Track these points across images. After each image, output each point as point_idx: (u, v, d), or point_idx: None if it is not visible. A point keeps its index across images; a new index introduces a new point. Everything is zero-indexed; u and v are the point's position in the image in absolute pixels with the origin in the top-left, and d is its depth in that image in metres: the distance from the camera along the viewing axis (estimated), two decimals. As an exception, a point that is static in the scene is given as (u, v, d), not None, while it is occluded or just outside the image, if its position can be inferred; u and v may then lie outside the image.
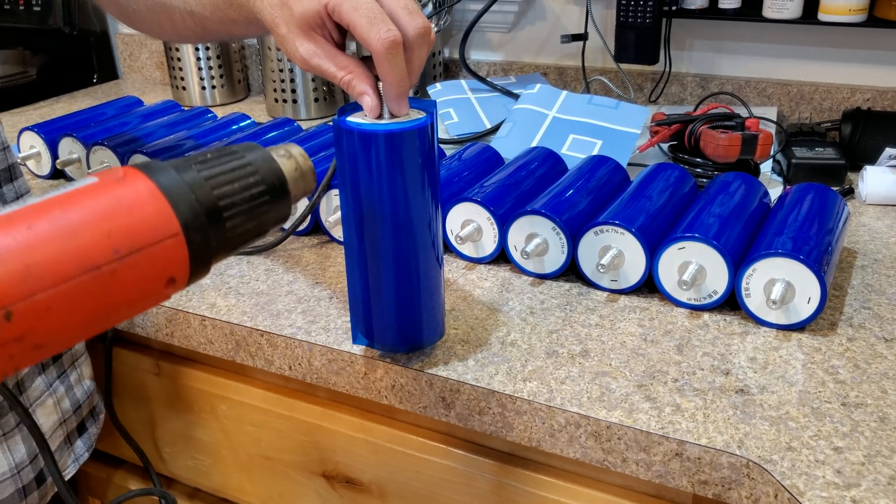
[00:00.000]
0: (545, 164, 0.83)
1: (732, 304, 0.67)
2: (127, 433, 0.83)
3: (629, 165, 0.94)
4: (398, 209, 0.55)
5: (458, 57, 1.21)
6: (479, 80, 1.17)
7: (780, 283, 0.63)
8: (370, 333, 0.60)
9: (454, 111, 1.10)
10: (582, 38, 1.17)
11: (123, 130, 1.01)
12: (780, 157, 0.95)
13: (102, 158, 0.95)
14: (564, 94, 1.02)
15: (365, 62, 0.56)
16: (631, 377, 0.59)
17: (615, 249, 0.69)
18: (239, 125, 1.03)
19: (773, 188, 0.90)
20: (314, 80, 1.23)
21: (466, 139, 1.06)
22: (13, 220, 0.32)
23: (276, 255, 0.80)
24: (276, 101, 1.25)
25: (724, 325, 0.66)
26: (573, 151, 0.94)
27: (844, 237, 0.73)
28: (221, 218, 0.37)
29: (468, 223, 0.75)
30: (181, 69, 1.35)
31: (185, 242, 0.36)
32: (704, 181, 0.87)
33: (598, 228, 0.69)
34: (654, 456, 0.54)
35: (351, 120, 0.54)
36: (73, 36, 1.48)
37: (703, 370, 0.60)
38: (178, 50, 1.34)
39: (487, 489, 0.67)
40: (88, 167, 0.96)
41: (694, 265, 0.66)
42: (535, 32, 1.28)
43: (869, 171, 0.88)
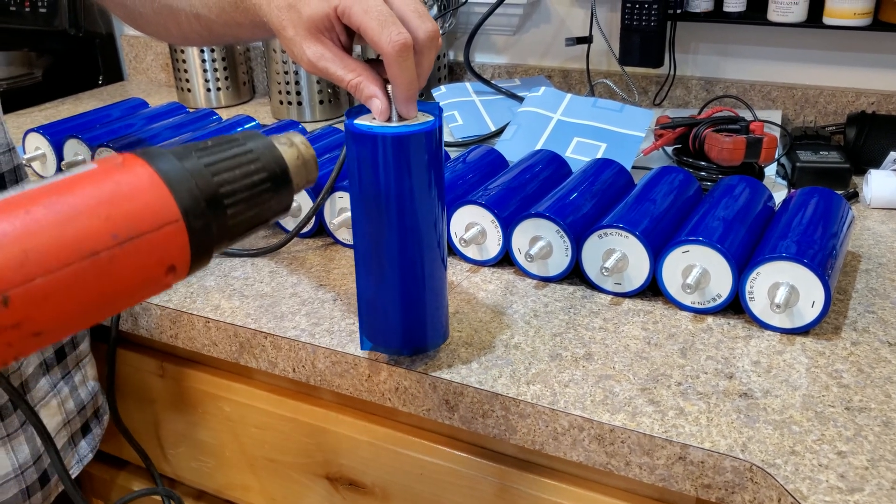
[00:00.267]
0: (549, 166, 0.83)
1: (736, 307, 0.67)
2: (129, 434, 0.83)
3: (633, 168, 0.94)
4: (405, 211, 0.55)
5: (462, 59, 1.21)
6: (483, 82, 1.17)
7: (784, 286, 0.63)
8: (375, 336, 0.60)
9: (458, 114, 1.10)
10: (586, 41, 1.17)
11: (129, 132, 1.01)
12: (784, 160, 0.95)
13: (107, 160, 0.95)
14: (569, 96, 1.02)
15: (372, 65, 0.56)
16: (634, 380, 0.59)
17: (619, 253, 0.69)
18: (244, 127, 1.03)
19: (777, 192, 0.90)
20: (319, 82, 1.24)
21: (471, 142, 1.06)
22: (11, 205, 0.32)
23: (280, 257, 0.80)
24: (280, 103, 1.26)
25: (727, 328, 0.65)
26: (577, 154, 0.94)
27: (849, 241, 0.73)
28: (222, 205, 0.37)
29: (472, 226, 0.75)
30: (186, 71, 1.35)
31: (185, 229, 0.35)
32: (709, 184, 0.87)
33: (602, 231, 0.69)
34: (657, 459, 0.54)
35: (360, 123, 0.55)
36: (78, 38, 1.49)
37: (706, 374, 0.60)
38: (183, 52, 1.35)
39: (491, 492, 0.67)
40: (93, 169, 0.96)
41: (698, 269, 0.66)
42: (539, 35, 1.28)
43: (873, 174, 0.88)
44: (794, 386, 0.58)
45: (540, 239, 0.72)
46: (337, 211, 0.80)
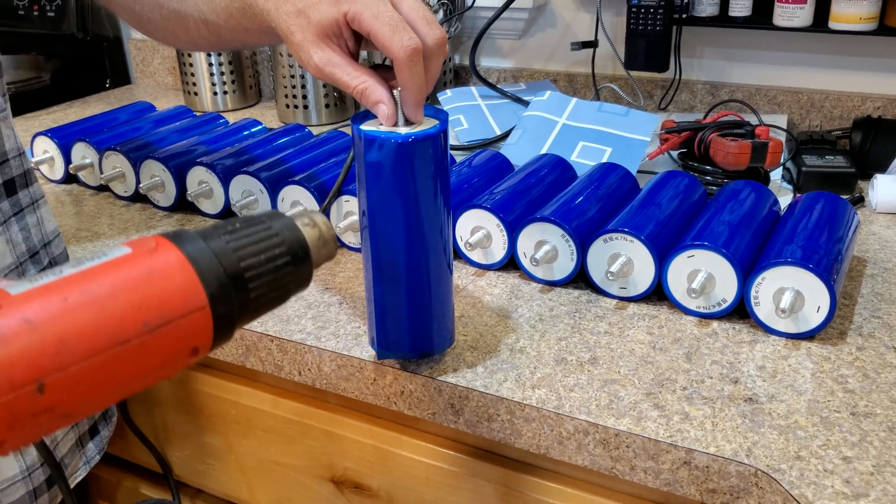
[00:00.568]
0: (555, 171, 0.83)
1: (741, 312, 0.67)
2: (146, 438, 0.83)
3: (639, 173, 0.94)
4: (410, 215, 0.55)
5: (468, 64, 1.21)
6: (489, 86, 1.17)
7: (789, 291, 0.63)
8: (381, 340, 0.61)
9: (464, 118, 1.11)
10: (592, 45, 1.17)
11: (136, 136, 1.01)
12: (790, 165, 0.95)
13: (115, 163, 0.95)
14: (574, 101, 1.02)
15: (378, 71, 0.56)
16: (639, 385, 0.59)
17: (624, 257, 0.69)
18: (250, 131, 1.04)
19: (782, 196, 0.90)
20: (325, 86, 1.24)
21: (476, 146, 1.06)
22: (50, 291, 0.33)
23: (286, 260, 0.80)
24: (287, 106, 1.26)
25: (732, 333, 0.66)
26: (583, 158, 0.94)
27: (854, 246, 0.73)
28: (246, 288, 0.38)
29: (478, 230, 0.75)
30: (193, 75, 1.36)
31: (210, 315, 0.36)
32: (714, 189, 0.87)
33: (607, 236, 0.69)
34: (662, 464, 0.54)
35: (367, 127, 0.55)
36: (86, 41, 1.49)
37: (711, 378, 0.60)
38: (190, 56, 1.35)
39: (495, 496, 0.67)
40: (101, 172, 0.97)
41: (703, 273, 0.66)
42: (545, 39, 1.28)
43: (879, 179, 0.88)
44: (799, 391, 0.58)
45: (545, 243, 0.72)
46: (343, 215, 0.80)
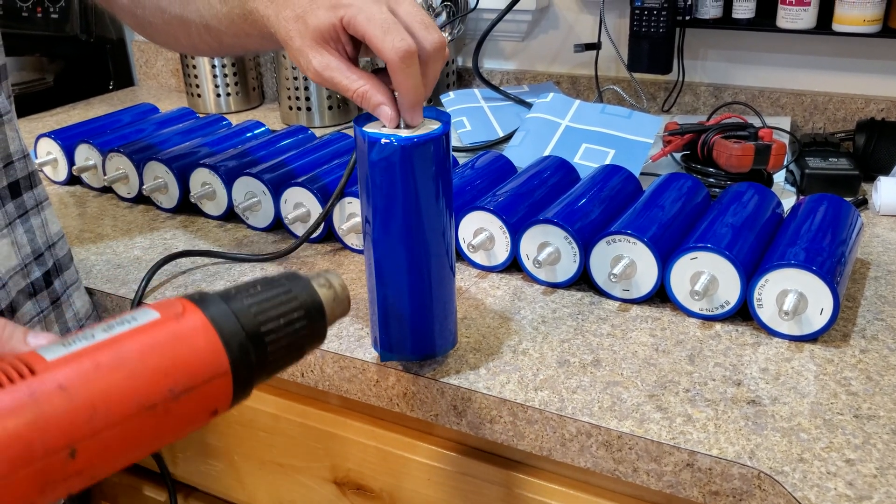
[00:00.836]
0: (558, 173, 0.83)
1: (744, 314, 0.67)
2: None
3: (642, 175, 0.94)
4: (412, 217, 0.55)
5: (471, 66, 1.21)
6: (492, 88, 1.17)
7: (792, 294, 0.63)
8: (384, 341, 0.61)
9: (467, 120, 1.11)
10: (595, 47, 1.17)
11: (139, 137, 1.02)
12: (793, 167, 0.95)
13: (118, 165, 0.95)
14: (577, 103, 1.02)
15: (378, 75, 0.56)
16: (642, 387, 0.59)
17: (627, 259, 0.69)
18: (253, 133, 1.04)
19: (786, 198, 0.89)
20: (328, 88, 1.24)
21: (479, 148, 1.06)
22: (83, 357, 0.34)
23: (289, 262, 0.81)
24: (290, 108, 1.26)
25: (736, 335, 0.65)
26: (586, 160, 0.94)
27: (858, 248, 0.73)
28: (266, 350, 0.39)
29: (480, 232, 0.76)
30: (196, 77, 1.36)
31: (231, 380, 0.38)
32: (717, 191, 0.87)
33: (610, 238, 0.69)
34: (665, 466, 0.54)
35: (369, 129, 0.55)
36: (89, 43, 1.50)
37: (714, 381, 0.60)
38: (193, 58, 1.35)
39: (498, 498, 0.67)
40: (104, 174, 0.97)
41: (706, 275, 0.66)
42: (548, 41, 1.28)
43: (883, 181, 0.88)
44: (802, 393, 0.58)
45: (548, 245, 0.72)
46: (346, 216, 0.81)
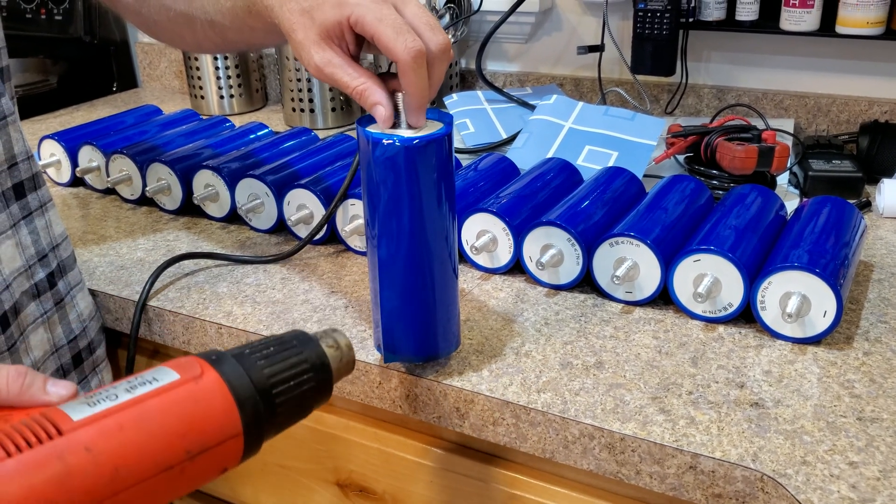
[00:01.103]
0: (561, 175, 0.83)
1: (748, 316, 0.67)
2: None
3: (645, 177, 0.94)
4: (415, 219, 0.55)
5: (474, 68, 1.21)
6: (495, 90, 1.17)
7: (795, 296, 0.62)
8: (387, 343, 0.61)
9: (470, 121, 1.11)
10: (598, 49, 1.17)
11: (142, 139, 1.02)
12: (796, 169, 0.95)
13: (121, 166, 0.95)
14: (580, 105, 1.02)
15: (380, 76, 0.57)
16: (645, 389, 0.59)
17: (630, 261, 0.69)
18: (256, 134, 1.04)
19: (789, 201, 0.89)
20: (331, 89, 1.24)
21: (482, 149, 1.06)
22: (107, 418, 0.35)
23: (292, 263, 0.81)
24: (293, 110, 1.26)
25: (739, 337, 0.65)
26: (589, 163, 0.94)
27: (861, 250, 0.73)
28: (276, 411, 0.41)
29: (483, 233, 0.75)
30: (200, 78, 1.36)
31: (243, 441, 0.39)
32: (720, 193, 0.87)
33: (613, 240, 0.69)
34: (667, 468, 0.54)
35: (371, 130, 0.55)
36: (93, 45, 1.50)
37: (717, 383, 0.60)
38: (196, 59, 1.35)
39: (500, 500, 0.67)
40: (108, 175, 0.97)
41: (709, 277, 0.66)
42: (551, 43, 1.28)
43: (886, 184, 0.88)
44: (805, 396, 0.58)
45: (551, 247, 0.72)
46: (349, 218, 0.81)
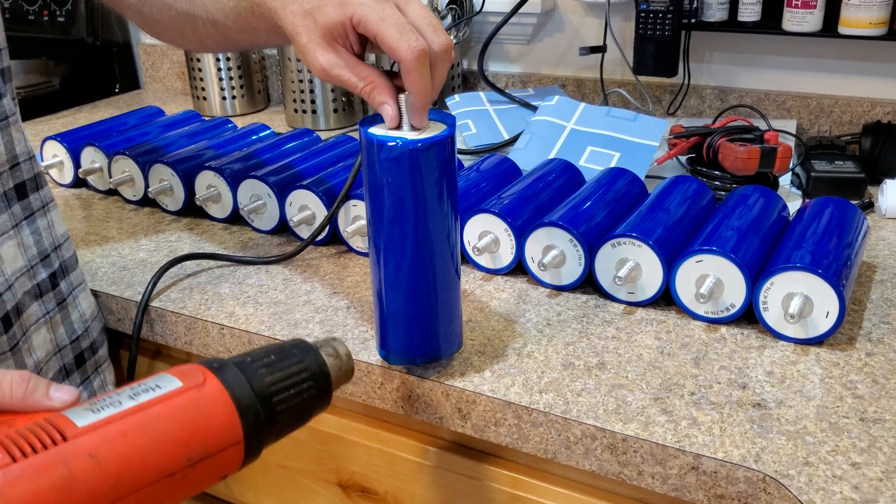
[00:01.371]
0: (563, 175, 0.83)
1: (750, 317, 0.67)
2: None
3: (647, 178, 0.94)
4: (418, 220, 0.55)
5: (476, 69, 1.21)
6: (497, 91, 1.17)
7: (798, 297, 0.62)
8: (389, 344, 0.61)
9: (472, 122, 1.11)
10: (600, 50, 1.17)
11: (145, 140, 1.02)
12: (799, 170, 0.95)
13: (124, 167, 0.96)
14: (582, 106, 1.02)
15: (385, 74, 0.57)
16: (647, 390, 0.59)
17: (632, 262, 0.69)
18: (259, 135, 1.04)
19: (791, 201, 0.89)
20: (333, 90, 1.24)
21: (484, 150, 1.06)
22: (111, 424, 0.36)
23: (294, 264, 0.81)
24: (295, 111, 1.26)
25: (741, 338, 0.65)
26: (591, 163, 0.94)
27: (864, 251, 0.73)
28: (276, 419, 0.41)
29: (485, 234, 0.75)
30: (202, 79, 1.36)
31: (243, 449, 0.39)
32: (723, 194, 0.87)
33: (615, 241, 0.69)
34: (670, 469, 0.54)
35: (374, 132, 0.55)
36: (95, 46, 1.50)
37: (719, 384, 0.59)
38: (199, 60, 1.36)
39: (502, 501, 0.67)
40: (110, 176, 0.97)
41: (711, 278, 0.66)
42: (553, 45, 1.28)
43: (889, 184, 0.87)
44: (808, 396, 0.58)
45: (553, 248, 0.72)
46: (351, 219, 0.81)
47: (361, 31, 0.55)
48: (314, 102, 1.24)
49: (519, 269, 0.77)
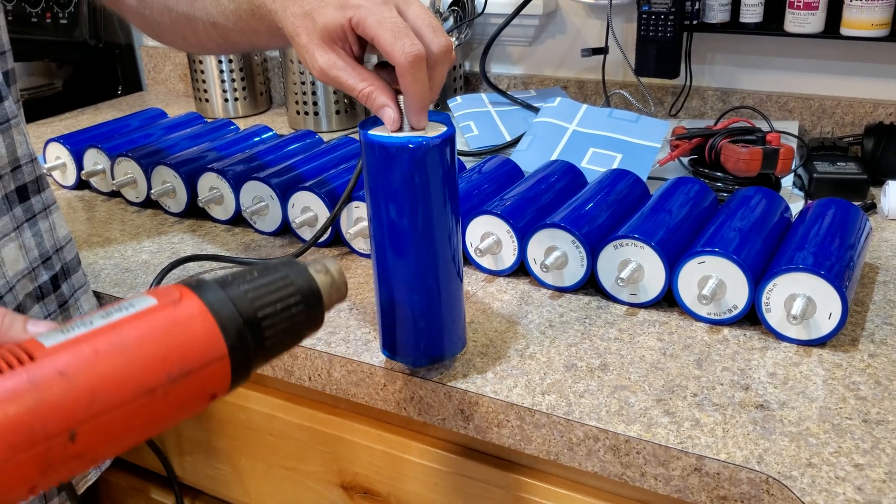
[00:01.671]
0: (565, 177, 0.83)
1: (752, 318, 0.67)
2: (153, 443, 0.83)
3: (649, 179, 0.94)
4: (420, 222, 0.55)
5: (478, 70, 1.21)
6: (499, 93, 1.17)
7: (800, 298, 0.62)
8: (392, 345, 0.61)
9: (474, 124, 1.11)
10: (602, 51, 1.17)
11: (147, 142, 1.02)
12: (801, 171, 0.95)
13: (126, 169, 0.96)
14: (584, 107, 1.02)
15: (383, 74, 0.56)
16: (650, 391, 0.59)
17: (635, 263, 0.69)
18: (261, 137, 1.04)
19: (794, 203, 0.89)
20: (335, 92, 1.24)
21: (486, 152, 1.06)
22: (81, 343, 0.34)
23: (296, 266, 0.81)
24: (297, 113, 1.27)
25: (743, 339, 0.65)
26: (593, 165, 0.94)
27: (866, 252, 0.72)
28: (262, 336, 0.40)
29: (488, 236, 0.75)
30: (204, 81, 1.36)
31: (229, 364, 0.38)
32: (725, 195, 0.87)
33: (617, 242, 0.69)
34: (672, 470, 0.54)
35: (374, 133, 0.55)
36: (98, 48, 1.50)
37: (722, 385, 0.59)
38: (201, 62, 1.36)
39: (505, 502, 0.67)
40: (113, 178, 0.97)
41: (714, 279, 0.66)
42: (555, 46, 1.28)
43: (891, 185, 0.87)
44: (810, 398, 0.58)
45: (555, 249, 0.72)
46: (353, 221, 0.81)
47: (360, 33, 0.55)
48: (316, 104, 1.25)
49: (521, 270, 0.77)
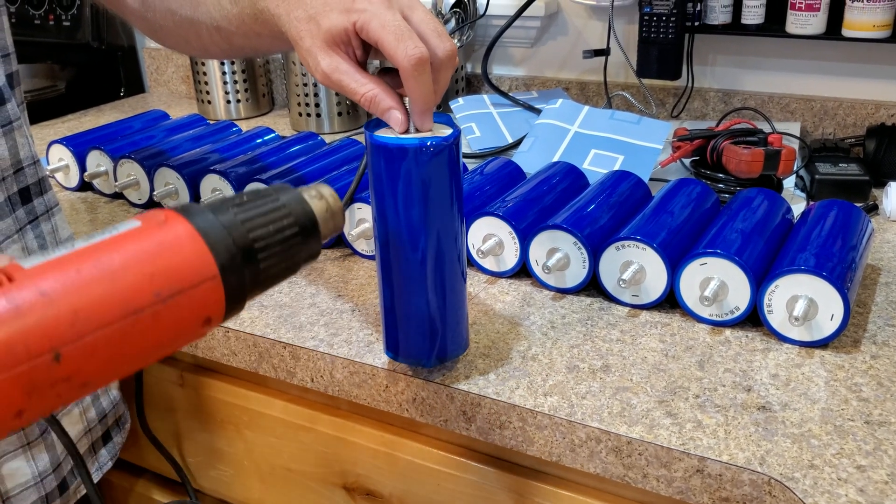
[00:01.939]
0: (567, 178, 0.84)
1: (754, 320, 0.67)
2: (161, 445, 0.83)
3: (651, 181, 0.94)
4: (425, 223, 0.55)
5: (480, 72, 1.21)
6: (501, 94, 1.17)
7: (802, 299, 0.62)
8: (395, 347, 0.61)
9: (476, 126, 1.11)
10: (604, 53, 1.17)
11: (150, 144, 1.02)
12: (803, 172, 0.95)
13: (129, 171, 0.96)
14: (586, 109, 1.02)
15: (386, 78, 0.57)
16: (652, 393, 0.59)
17: (636, 265, 0.69)
18: (263, 139, 1.04)
19: (796, 204, 0.89)
20: (338, 94, 1.25)
21: (488, 153, 1.06)
22: (63, 263, 0.33)
23: (298, 267, 0.81)
24: (299, 114, 1.27)
25: (745, 341, 0.65)
26: (595, 166, 0.94)
27: (868, 254, 0.73)
28: (256, 259, 0.39)
29: (490, 237, 0.76)
30: (207, 83, 1.37)
31: (221, 284, 0.37)
32: (727, 197, 0.87)
33: (619, 243, 0.69)
34: (674, 472, 0.54)
35: (380, 135, 0.55)
36: (101, 50, 1.51)
37: (724, 386, 0.59)
38: (203, 64, 1.36)
39: (507, 503, 0.67)
40: (115, 180, 0.97)
41: (716, 281, 0.66)
42: (557, 48, 1.28)
43: (893, 187, 0.87)
44: (812, 399, 0.58)
45: (557, 251, 0.72)
46: (356, 222, 0.81)
47: (364, 37, 0.55)
48: (318, 106, 1.25)
49: (523, 271, 0.77)
